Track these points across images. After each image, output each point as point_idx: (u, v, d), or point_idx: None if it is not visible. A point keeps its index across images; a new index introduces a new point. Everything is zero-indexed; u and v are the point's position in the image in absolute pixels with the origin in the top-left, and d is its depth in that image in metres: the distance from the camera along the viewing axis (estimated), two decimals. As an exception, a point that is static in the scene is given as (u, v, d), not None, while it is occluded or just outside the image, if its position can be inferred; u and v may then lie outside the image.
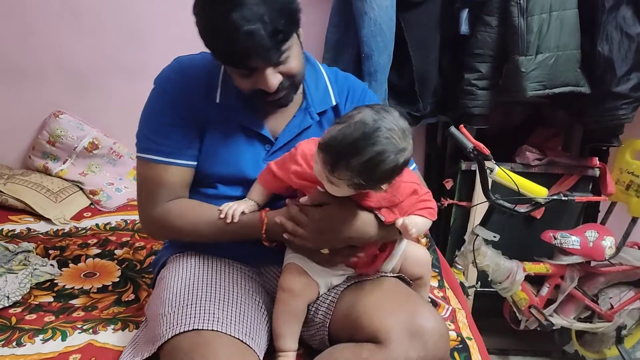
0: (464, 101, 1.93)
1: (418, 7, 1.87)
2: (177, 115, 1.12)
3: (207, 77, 1.15)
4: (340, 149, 0.91)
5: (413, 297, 1.10)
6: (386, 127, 0.91)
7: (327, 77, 1.24)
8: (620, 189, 2.07)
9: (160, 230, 1.20)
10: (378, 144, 0.90)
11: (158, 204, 1.15)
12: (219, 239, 1.15)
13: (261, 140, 1.17)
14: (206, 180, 1.18)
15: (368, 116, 0.92)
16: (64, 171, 2.11)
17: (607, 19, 1.76)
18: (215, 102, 1.14)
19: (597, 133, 2.03)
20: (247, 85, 1.06)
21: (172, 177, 1.14)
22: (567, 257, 2.00)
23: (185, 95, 1.13)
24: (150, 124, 1.15)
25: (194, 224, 1.14)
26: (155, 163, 1.14)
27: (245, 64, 1.00)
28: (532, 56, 1.78)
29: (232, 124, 1.15)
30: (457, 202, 2.19)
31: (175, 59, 1.18)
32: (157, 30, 2.13)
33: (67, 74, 2.17)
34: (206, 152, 1.15)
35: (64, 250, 1.69)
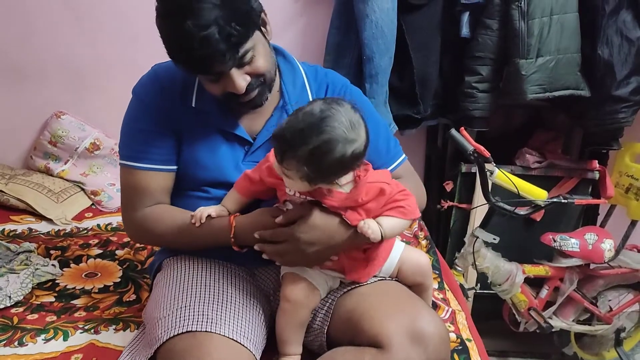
0: (465, 104, 1.94)
1: (419, 10, 1.88)
2: (152, 121, 1.14)
3: (183, 83, 1.16)
4: (288, 138, 0.93)
5: (414, 300, 1.10)
6: (333, 117, 0.93)
7: (304, 74, 1.24)
8: (619, 192, 2.08)
9: (140, 234, 1.22)
10: (324, 133, 0.92)
11: (138, 209, 1.17)
12: (193, 244, 1.16)
13: (240, 142, 1.18)
14: (192, 184, 1.19)
15: (316, 107, 0.95)
16: (65, 171, 2.11)
17: (607, 23, 1.77)
18: (191, 107, 1.15)
19: (597, 136, 2.03)
20: (217, 89, 1.07)
21: (151, 183, 1.16)
22: (567, 260, 2.01)
23: (161, 101, 1.14)
24: (128, 131, 1.18)
25: (168, 229, 1.15)
26: (135, 169, 1.16)
27: (208, 70, 1.02)
28: (533, 59, 1.78)
29: (209, 128, 1.16)
30: (457, 204, 2.19)
31: (153, 66, 1.20)
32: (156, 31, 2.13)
33: (68, 74, 2.18)
34: (187, 157, 1.17)
35: (65, 250, 1.70)
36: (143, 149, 1.15)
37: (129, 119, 1.18)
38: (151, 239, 1.24)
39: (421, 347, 0.98)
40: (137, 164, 1.16)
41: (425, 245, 1.85)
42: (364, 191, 1.03)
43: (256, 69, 1.06)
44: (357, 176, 1.03)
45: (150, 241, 1.27)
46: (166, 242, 1.22)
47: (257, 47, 1.05)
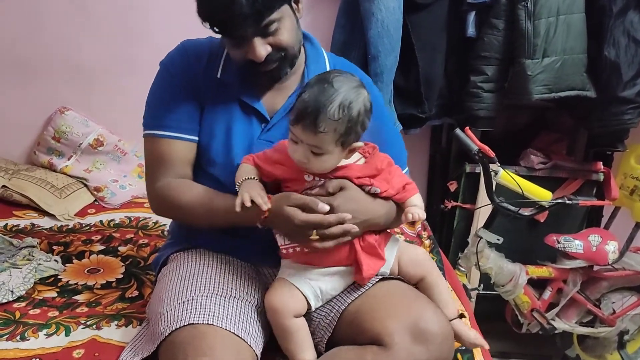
0: (470, 103, 1.93)
1: (425, 9, 1.88)
2: (177, 91, 1.17)
3: (210, 56, 1.19)
4: (315, 104, 0.97)
5: (419, 298, 1.09)
6: (341, 76, 1.02)
7: (327, 60, 1.26)
8: (624, 194, 2.07)
9: (160, 204, 1.22)
10: (341, 87, 0.99)
11: (160, 179, 1.18)
12: (214, 219, 1.14)
13: (258, 117, 1.18)
14: (204, 157, 1.19)
15: (321, 76, 1.03)
16: (69, 167, 2.11)
17: (614, 24, 1.77)
18: (215, 78, 1.17)
19: (602, 137, 2.03)
20: (238, 55, 1.09)
21: (174, 152, 1.17)
22: (570, 261, 2.00)
23: (186, 73, 1.18)
24: (153, 101, 1.21)
25: (191, 201, 1.15)
26: (158, 138, 1.18)
27: (230, 33, 1.05)
28: (539, 59, 1.78)
29: (230, 101, 1.18)
30: (461, 204, 2.19)
31: (182, 41, 1.23)
32: (165, 28, 2.13)
33: (73, 70, 2.17)
34: (205, 128, 1.18)
35: (67, 246, 1.70)
36: (167, 117, 1.17)
37: (155, 89, 1.21)
38: (172, 210, 1.22)
39: (424, 346, 0.98)
40: (160, 132, 1.17)
41: (429, 245, 1.85)
42: (378, 160, 1.10)
43: (279, 41, 1.07)
44: (367, 152, 1.10)
45: (171, 212, 1.24)
46: (186, 215, 1.19)
47: (284, 21, 1.06)
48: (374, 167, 1.10)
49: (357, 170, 1.08)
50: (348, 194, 1.05)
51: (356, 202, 1.05)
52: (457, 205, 2.19)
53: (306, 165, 1.03)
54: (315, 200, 1.01)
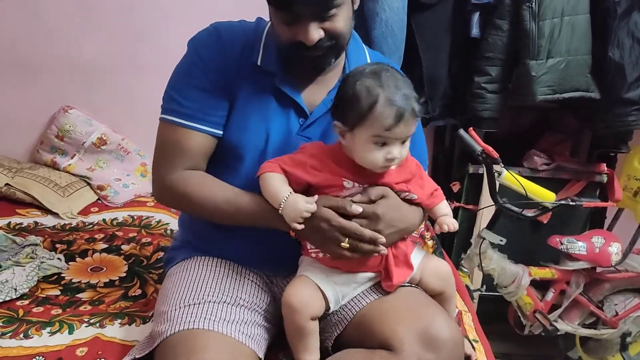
0: (474, 104, 1.93)
1: (429, 9, 1.87)
2: (205, 78, 1.09)
3: (246, 42, 1.11)
4: (406, 96, 0.97)
5: (430, 305, 1.07)
6: (383, 64, 1.03)
7: (368, 56, 1.21)
8: (627, 196, 2.07)
9: (174, 197, 1.14)
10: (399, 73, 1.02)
11: (176, 169, 1.11)
12: (233, 217, 1.09)
13: (297, 111, 1.12)
14: (231, 152, 1.12)
15: (375, 70, 1.00)
16: (72, 166, 2.11)
17: (618, 25, 1.76)
18: (254, 66, 1.09)
19: (606, 139, 2.03)
20: (287, 34, 1.01)
21: (192, 143, 1.10)
22: (573, 263, 2.00)
23: (218, 59, 1.09)
24: (177, 85, 1.11)
25: (211, 197, 1.08)
26: (177, 125, 1.09)
27: (290, 8, 0.96)
28: (543, 60, 1.78)
29: (267, 91, 1.10)
30: (464, 205, 2.18)
31: (212, 23, 1.14)
32: (169, 27, 2.14)
33: (77, 69, 2.17)
34: (236, 120, 1.11)
35: (70, 244, 1.70)
36: (191, 104, 1.09)
37: (182, 73, 1.12)
38: (186, 203, 1.13)
39: (434, 353, 0.97)
40: (183, 120, 1.09)
41: (432, 246, 1.85)
42: (410, 163, 1.09)
43: (334, 27, 1.00)
44: None
45: (184, 206, 1.17)
46: (202, 209, 1.11)
47: (343, 8, 1.00)
48: (409, 171, 1.08)
49: (395, 176, 1.06)
50: (390, 203, 1.04)
51: (397, 210, 1.04)
52: (460, 205, 2.19)
53: (398, 160, 1.01)
54: (349, 202, 1.00)
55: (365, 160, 1.01)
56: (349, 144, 1.01)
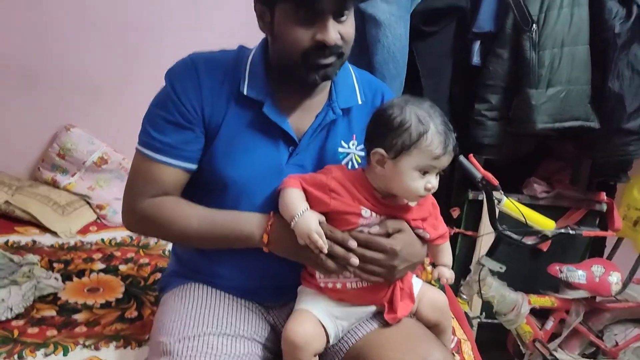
0: (474, 131, 1.94)
1: (431, 37, 1.90)
2: (179, 114, 1.05)
3: (226, 72, 1.08)
4: (446, 129, 0.98)
5: (427, 337, 1.07)
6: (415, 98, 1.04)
7: (354, 76, 1.19)
8: (627, 225, 2.07)
9: (143, 223, 1.11)
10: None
11: (146, 197, 1.08)
12: (209, 236, 1.07)
13: (285, 140, 1.09)
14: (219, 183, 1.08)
15: (416, 104, 1.01)
16: (72, 185, 2.11)
17: (618, 56, 1.79)
18: (238, 96, 1.07)
19: (606, 168, 2.03)
20: (306, 35, 0.97)
21: (164, 176, 1.07)
22: (573, 292, 1.99)
23: (194, 93, 1.06)
24: (152, 118, 1.08)
25: (182, 219, 1.06)
26: (149, 159, 1.07)
27: (312, 4, 0.95)
28: (543, 89, 1.79)
29: (254, 121, 1.07)
30: (463, 231, 2.18)
31: (189, 54, 1.11)
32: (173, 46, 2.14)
33: (80, 87, 2.18)
34: (220, 151, 1.08)
35: (68, 264, 1.69)
36: (165, 141, 1.06)
37: (156, 105, 1.09)
38: (156, 228, 1.11)
39: None
40: (155, 155, 1.06)
41: (431, 272, 1.84)
42: (428, 202, 1.09)
43: (346, 33, 1.00)
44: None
45: (155, 231, 1.14)
46: (172, 233, 1.09)
47: (350, 16, 1.01)
48: (427, 210, 1.08)
49: (414, 212, 1.06)
50: (406, 238, 1.03)
51: (412, 246, 1.04)
52: (459, 232, 2.19)
53: (434, 190, 1.01)
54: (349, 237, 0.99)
55: (406, 189, 1.00)
56: (388, 172, 1.00)
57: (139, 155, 1.09)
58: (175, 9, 2.14)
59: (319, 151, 1.10)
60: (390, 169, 1.00)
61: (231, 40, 1.21)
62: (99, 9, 2.11)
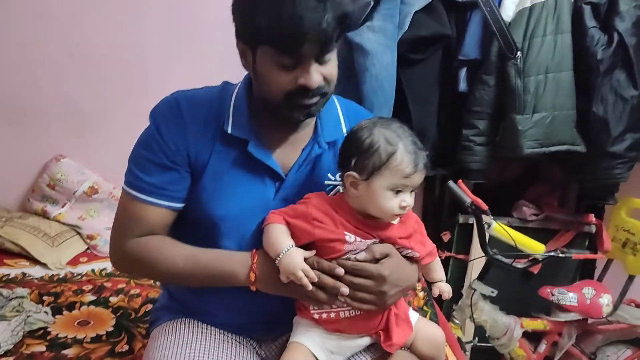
0: (462, 156, 1.96)
1: (418, 64, 1.92)
2: (163, 154, 1.05)
3: (210, 110, 1.08)
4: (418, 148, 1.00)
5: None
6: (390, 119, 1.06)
7: (339, 109, 1.19)
8: (616, 247, 2.08)
9: (129, 263, 1.10)
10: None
11: (133, 237, 1.07)
12: (194, 274, 1.06)
13: (271, 176, 1.08)
14: (208, 222, 1.08)
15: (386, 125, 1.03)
16: (62, 215, 2.10)
17: (602, 82, 1.82)
18: (222, 134, 1.06)
19: (593, 191, 2.06)
20: (286, 80, 0.97)
21: (150, 216, 1.07)
22: (565, 314, 2.00)
23: (178, 133, 1.05)
24: (137, 158, 1.08)
25: (170, 257, 1.05)
26: (135, 199, 1.06)
27: (298, 48, 0.92)
28: (529, 115, 1.82)
29: (239, 159, 1.07)
30: (454, 254, 2.19)
31: (174, 93, 1.11)
32: (161, 75, 2.17)
33: (70, 117, 2.19)
34: (207, 191, 1.07)
35: (58, 296, 1.67)
36: (150, 181, 1.05)
37: (141, 145, 1.08)
38: (143, 268, 1.09)
39: None
40: (140, 195, 1.06)
41: (423, 297, 1.84)
42: (411, 219, 1.09)
43: (329, 74, 0.99)
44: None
45: (142, 271, 1.13)
46: (160, 273, 1.09)
47: (333, 55, 0.99)
48: (411, 227, 1.08)
49: (397, 230, 1.06)
50: (394, 262, 1.03)
51: (401, 269, 1.04)
52: (450, 255, 2.19)
53: (409, 208, 1.02)
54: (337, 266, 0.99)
55: (381, 208, 1.01)
56: (362, 194, 1.01)
57: (125, 195, 1.09)
58: (162, 42, 2.16)
59: (305, 185, 1.10)
60: (364, 191, 1.01)
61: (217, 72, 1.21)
62: (85, 42, 2.13)
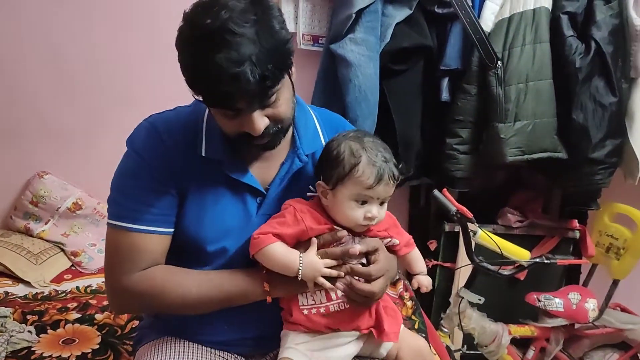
0: (446, 165, 1.98)
1: (401, 75, 1.94)
2: (152, 178, 1.03)
3: (186, 133, 1.06)
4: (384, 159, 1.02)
5: None
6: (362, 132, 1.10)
7: (316, 119, 1.18)
8: (600, 252, 2.10)
9: (135, 299, 1.05)
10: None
11: (133, 270, 1.03)
12: (211, 299, 1.04)
13: (251, 193, 1.08)
14: (193, 244, 1.06)
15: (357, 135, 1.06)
16: (46, 232, 2.08)
17: (581, 89, 1.85)
18: (199, 157, 1.04)
19: (576, 197, 2.08)
20: (232, 127, 0.97)
21: (148, 245, 1.03)
22: (552, 320, 2.01)
23: (161, 157, 1.03)
24: (123, 188, 1.04)
25: (183, 287, 1.02)
26: (129, 231, 1.02)
27: (230, 106, 0.92)
28: (511, 123, 1.84)
29: (218, 179, 1.05)
30: (441, 263, 2.20)
31: (147, 118, 1.09)
32: (144, 90, 2.17)
33: (52, 133, 2.17)
34: (190, 214, 1.05)
35: (42, 315, 1.65)
36: (142, 209, 1.02)
37: (125, 175, 1.05)
38: (152, 302, 1.05)
39: None
40: (134, 225, 1.02)
41: (411, 307, 1.84)
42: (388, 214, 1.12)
43: (277, 113, 0.97)
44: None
45: (150, 305, 1.08)
46: (173, 303, 1.04)
47: (282, 91, 0.96)
48: (386, 222, 1.11)
49: (378, 225, 1.09)
50: (385, 256, 1.07)
51: (388, 261, 1.08)
52: (437, 264, 2.20)
53: (376, 220, 1.05)
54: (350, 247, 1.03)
55: (346, 218, 1.04)
56: (330, 203, 1.05)
57: (116, 231, 1.04)
58: (145, 55, 2.16)
59: (287, 198, 1.10)
60: (331, 200, 1.05)
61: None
62: (67, 57, 2.12)
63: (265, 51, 0.87)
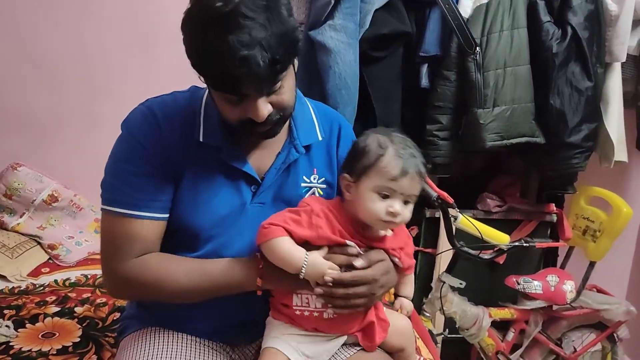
0: (427, 151, 1.99)
1: (380, 62, 1.93)
2: (147, 163, 1.02)
3: (183, 118, 1.05)
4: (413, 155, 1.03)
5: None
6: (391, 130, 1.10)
7: (312, 111, 1.18)
8: (577, 234, 2.15)
9: (130, 286, 1.05)
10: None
11: (127, 257, 1.03)
12: (202, 289, 1.04)
13: (247, 180, 1.07)
14: (187, 230, 1.06)
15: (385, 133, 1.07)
16: (21, 225, 2.03)
17: (557, 75, 1.87)
18: (196, 142, 1.04)
19: (553, 181, 2.12)
20: (235, 113, 0.96)
21: (142, 231, 1.03)
22: (531, 302, 2.05)
23: (158, 141, 1.02)
24: (118, 172, 1.03)
25: (176, 275, 1.02)
26: (122, 216, 1.02)
27: (237, 91, 0.91)
28: (490, 109, 1.86)
29: (213, 167, 1.05)
30: (422, 249, 2.21)
31: (144, 102, 1.08)
32: (118, 80, 2.13)
33: (26, 125, 2.13)
34: (185, 200, 1.05)
35: (20, 309, 1.62)
36: (137, 195, 1.01)
37: (120, 159, 1.04)
38: (145, 290, 1.05)
39: None
40: (129, 210, 1.01)
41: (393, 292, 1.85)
42: (402, 233, 1.13)
43: (281, 100, 0.96)
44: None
45: (143, 293, 1.07)
46: (165, 292, 1.04)
47: (287, 79, 0.96)
48: (403, 240, 1.12)
49: (391, 242, 1.08)
50: (386, 265, 1.06)
51: (390, 272, 1.07)
52: (419, 250, 2.22)
53: (400, 218, 1.02)
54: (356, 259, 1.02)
55: (368, 211, 1.02)
56: (353, 196, 1.04)
57: (110, 216, 1.03)
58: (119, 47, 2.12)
59: (280, 187, 1.10)
60: (354, 193, 1.04)
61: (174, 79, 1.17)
62: (40, 47, 2.07)
63: (275, 37, 0.87)
